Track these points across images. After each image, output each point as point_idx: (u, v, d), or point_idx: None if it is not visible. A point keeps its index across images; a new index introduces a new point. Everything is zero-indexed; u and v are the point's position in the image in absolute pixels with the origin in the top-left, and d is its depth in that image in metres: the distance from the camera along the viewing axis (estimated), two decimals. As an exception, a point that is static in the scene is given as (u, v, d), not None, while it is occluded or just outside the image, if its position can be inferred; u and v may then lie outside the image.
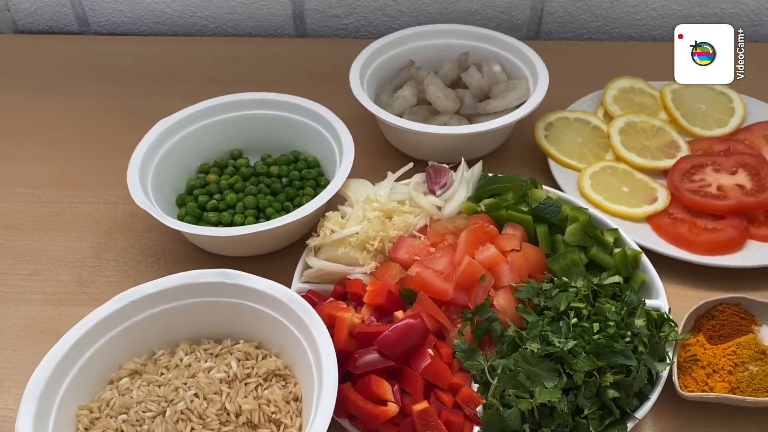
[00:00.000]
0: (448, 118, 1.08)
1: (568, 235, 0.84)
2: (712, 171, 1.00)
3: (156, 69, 1.34)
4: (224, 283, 0.79)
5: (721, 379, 0.76)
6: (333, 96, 1.10)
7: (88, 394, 0.75)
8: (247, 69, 1.35)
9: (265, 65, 1.36)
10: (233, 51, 1.40)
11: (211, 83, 1.29)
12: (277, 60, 1.37)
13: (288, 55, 1.39)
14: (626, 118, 1.10)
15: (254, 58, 1.38)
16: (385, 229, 0.85)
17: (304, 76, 1.33)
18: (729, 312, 0.82)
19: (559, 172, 1.03)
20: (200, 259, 0.98)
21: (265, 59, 1.37)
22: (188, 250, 0.99)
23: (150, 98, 1.27)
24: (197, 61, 1.36)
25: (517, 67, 1.14)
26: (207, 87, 1.27)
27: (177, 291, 0.79)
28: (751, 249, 0.92)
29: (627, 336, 0.73)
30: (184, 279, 0.79)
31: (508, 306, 0.77)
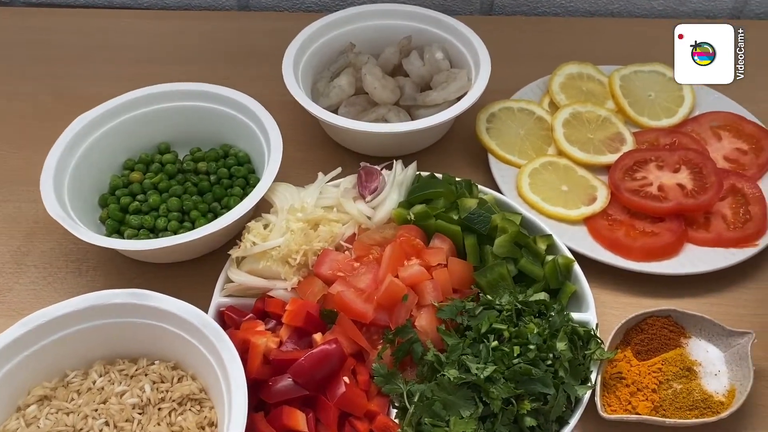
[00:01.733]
0: (386, 110, 1.03)
1: (496, 247, 0.81)
2: (655, 168, 0.97)
3: (89, 47, 1.26)
4: (134, 304, 0.75)
5: (645, 397, 0.75)
6: (272, 77, 1.04)
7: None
8: (185, 46, 1.28)
9: (205, 42, 1.29)
10: (171, 26, 1.32)
11: (148, 63, 1.23)
12: (217, 37, 1.30)
13: (228, 31, 1.32)
14: (571, 109, 1.06)
15: (194, 34, 1.31)
16: (309, 241, 0.81)
17: (244, 54, 1.26)
18: (658, 325, 0.80)
19: (498, 169, 1.00)
20: (123, 265, 0.94)
21: (204, 36, 1.30)
22: (111, 255, 0.95)
23: (81, 80, 1.20)
24: (133, 38, 1.28)
25: (460, 53, 1.08)
26: (143, 67, 1.21)
27: (86, 312, 0.75)
28: (688, 254, 0.90)
29: (548, 359, 0.72)
30: (93, 300, 0.75)
31: (429, 327, 0.74)
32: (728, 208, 0.93)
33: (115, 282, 0.93)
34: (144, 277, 0.93)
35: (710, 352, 0.80)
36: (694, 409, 0.74)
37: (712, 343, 0.81)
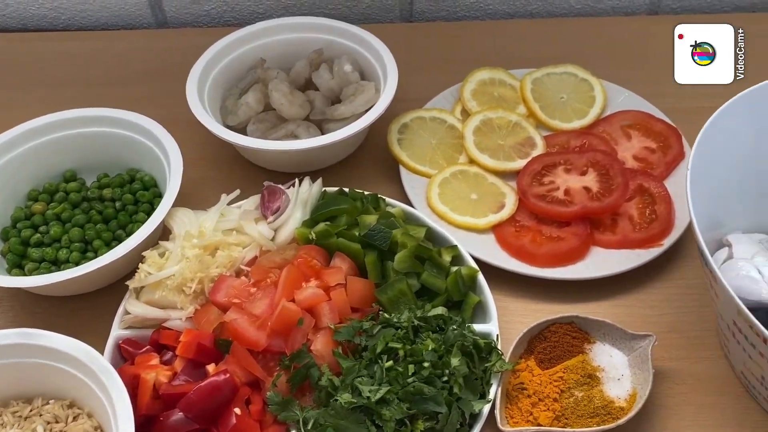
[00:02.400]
0: (295, 125, 1.02)
1: (396, 262, 0.81)
2: (563, 171, 0.97)
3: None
4: (24, 344, 0.73)
5: (546, 407, 0.75)
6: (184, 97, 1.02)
7: None
8: (102, 67, 1.25)
9: (122, 62, 1.27)
10: (87, 47, 1.29)
11: (63, 86, 1.20)
12: (133, 56, 1.28)
13: (145, 49, 1.29)
14: (482, 116, 1.05)
15: (110, 54, 1.28)
16: (206, 268, 0.80)
17: (161, 72, 1.24)
18: (561, 332, 0.80)
19: (409, 180, 0.99)
20: (27, 300, 0.92)
21: (121, 55, 1.28)
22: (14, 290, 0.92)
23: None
24: (47, 60, 1.25)
25: (370, 65, 1.07)
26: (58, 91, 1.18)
27: (-28, 356, 0.73)
28: (595, 257, 0.90)
29: (444, 376, 0.71)
30: (-22, 343, 0.73)
31: (325, 350, 0.74)
32: (635, 209, 0.94)
33: (20, 316, 0.90)
34: (49, 311, 0.91)
35: (614, 356, 0.80)
36: (595, 416, 0.74)
37: (615, 347, 0.81)
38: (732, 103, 0.77)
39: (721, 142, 0.77)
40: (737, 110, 0.78)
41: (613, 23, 1.32)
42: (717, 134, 0.76)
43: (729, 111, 0.77)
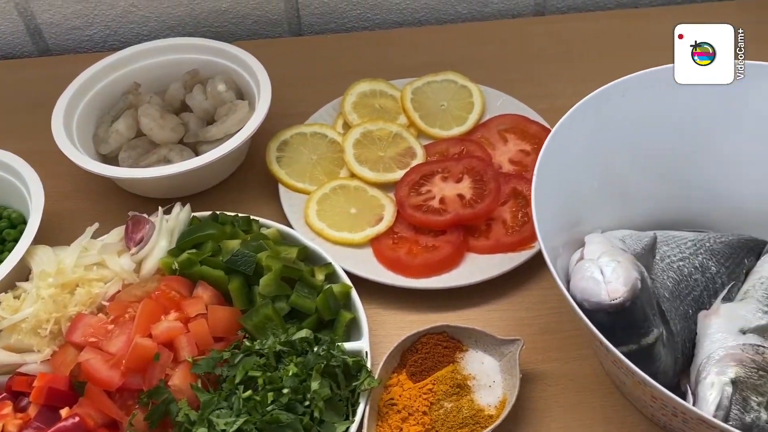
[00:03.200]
0: (168, 150, 1.00)
1: (262, 287, 0.79)
2: (440, 180, 0.98)
3: None
4: None
5: (416, 421, 0.75)
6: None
7: None
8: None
9: (4, 93, 1.23)
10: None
11: None
12: (15, 86, 1.24)
13: (27, 79, 1.26)
14: (362, 128, 1.05)
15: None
16: (62, 307, 0.77)
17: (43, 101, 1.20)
18: (432, 342, 0.80)
19: (288, 199, 0.98)
20: None
21: (2, 86, 1.24)
22: None
23: None
24: None
25: (246, 83, 1.06)
26: None
27: None
28: (470, 264, 0.90)
29: (307, 400, 0.70)
30: None
31: (184, 384, 0.72)
32: (508, 212, 0.95)
33: None
34: None
35: (486, 363, 0.80)
36: (464, 427, 0.74)
37: (487, 353, 0.81)
38: (575, 110, 0.78)
39: (570, 146, 0.79)
40: (585, 113, 0.79)
41: (499, 27, 1.33)
42: (565, 139, 0.77)
43: (577, 114, 0.79)
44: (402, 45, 1.28)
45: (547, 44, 1.28)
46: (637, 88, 0.81)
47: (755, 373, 0.68)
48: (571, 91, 1.02)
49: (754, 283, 0.80)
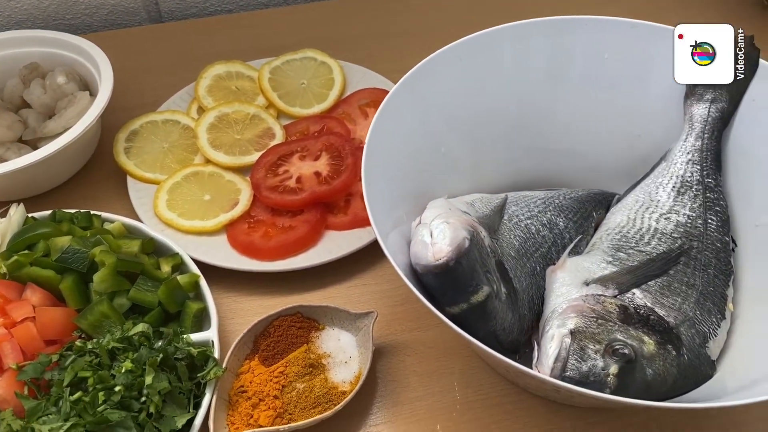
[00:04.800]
0: (4, 149, 0.93)
1: (96, 283, 0.75)
2: (297, 159, 0.95)
3: None
4: None
5: (267, 406, 0.72)
6: None
7: None
8: None
9: None
10: None
11: None
12: None
13: None
14: (217, 112, 1.01)
15: None
16: None
17: None
18: (286, 325, 0.78)
19: (136, 191, 0.93)
20: None
21: None
22: None
23: None
24: None
25: (90, 73, 1.00)
26: None
27: None
28: (328, 242, 0.88)
29: (143, 396, 0.66)
30: None
31: (8, 393, 0.67)
32: (367, 187, 0.93)
33: None
34: None
35: (342, 339, 0.78)
36: (317, 406, 0.72)
37: (344, 329, 0.79)
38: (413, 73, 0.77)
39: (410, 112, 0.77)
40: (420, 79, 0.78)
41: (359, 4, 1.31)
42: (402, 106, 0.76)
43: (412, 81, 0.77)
44: (263, 27, 1.25)
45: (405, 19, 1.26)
46: (472, 52, 0.81)
47: (594, 322, 0.68)
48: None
49: (601, 235, 0.81)
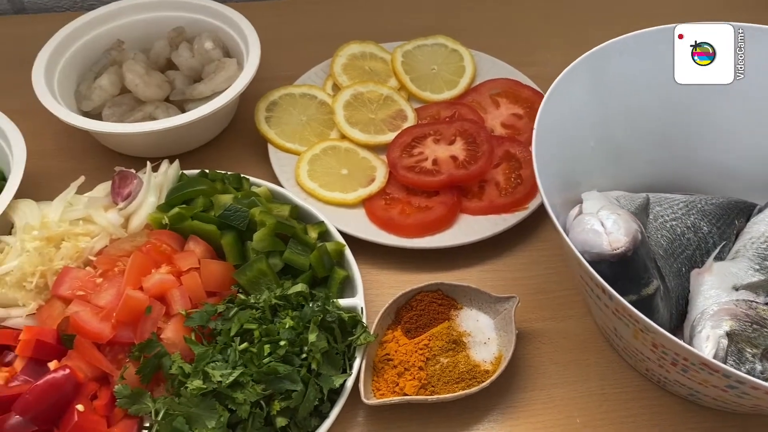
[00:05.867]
0: (153, 107, 0.97)
1: (255, 242, 0.78)
2: (432, 142, 0.97)
3: None
4: None
5: (412, 376, 0.74)
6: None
7: None
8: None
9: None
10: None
11: None
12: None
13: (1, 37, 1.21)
14: (353, 90, 1.03)
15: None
16: (48, 261, 0.75)
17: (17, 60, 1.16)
18: (427, 300, 0.80)
19: (277, 159, 0.96)
20: None
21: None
22: None
23: None
24: None
25: (234, 41, 1.04)
26: None
27: None
28: (462, 224, 0.90)
29: (303, 353, 0.69)
30: None
31: (177, 338, 0.70)
32: (501, 175, 0.94)
33: None
34: None
35: (480, 320, 0.80)
36: (461, 381, 0.74)
37: (482, 311, 0.81)
38: (573, 67, 0.78)
39: (568, 104, 0.78)
40: (580, 73, 0.78)
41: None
42: (563, 97, 0.77)
43: (571, 75, 0.78)
44: (389, 10, 1.27)
45: (534, 13, 1.27)
46: (634, 48, 0.81)
47: (749, 327, 0.69)
48: (559, 59, 1.02)
49: (745, 243, 0.81)
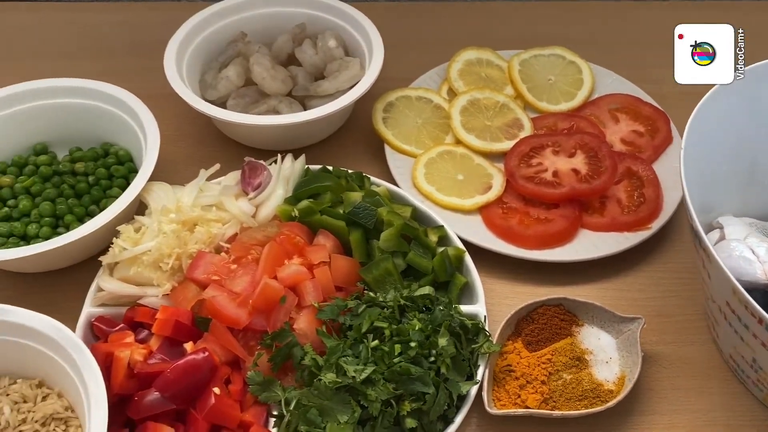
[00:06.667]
0: (277, 101, 0.99)
1: (382, 241, 0.78)
2: (551, 153, 0.96)
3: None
4: (-9, 320, 0.69)
5: (534, 390, 0.73)
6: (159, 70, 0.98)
7: None
8: (74, 40, 1.21)
9: (94, 35, 1.22)
10: (60, 18, 1.25)
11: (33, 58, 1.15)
12: (107, 29, 1.23)
13: (119, 23, 1.25)
14: (469, 96, 1.03)
15: (83, 26, 1.23)
16: (183, 243, 0.77)
17: (135, 46, 1.20)
18: (549, 314, 0.79)
19: (394, 160, 0.97)
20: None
21: (94, 28, 1.23)
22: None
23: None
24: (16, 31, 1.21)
25: (355, 40, 1.05)
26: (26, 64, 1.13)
27: (-65, 331, 0.69)
28: (583, 240, 0.88)
29: (431, 356, 0.69)
30: (-58, 317, 0.69)
31: (309, 329, 0.71)
32: (623, 192, 0.93)
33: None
34: (15, 288, 0.87)
35: (602, 339, 0.79)
36: (584, 399, 0.73)
37: (604, 330, 0.79)
38: (723, 87, 0.76)
39: (713, 124, 0.76)
40: (729, 93, 0.77)
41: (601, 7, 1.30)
42: (709, 116, 0.75)
43: (720, 93, 0.76)
44: (506, 18, 1.26)
45: (650, 29, 1.24)
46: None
47: None
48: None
49: None
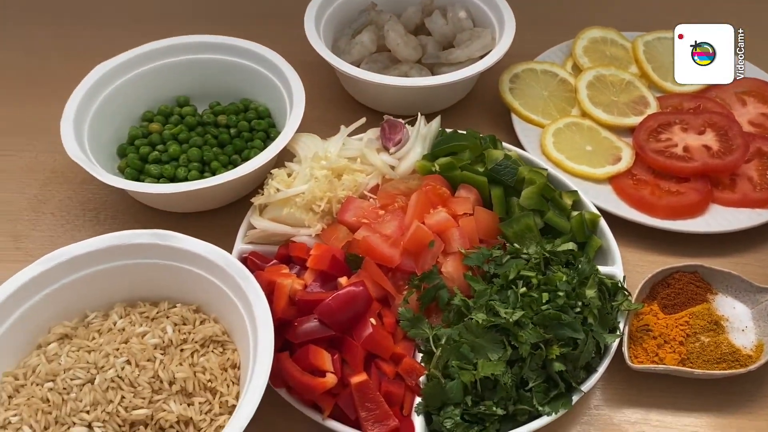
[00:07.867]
0: (408, 67, 1.02)
1: (523, 198, 0.81)
2: (679, 130, 0.96)
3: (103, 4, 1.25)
4: (157, 245, 0.74)
5: (672, 350, 0.74)
6: (290, 38, 1.03)
7: (13, 359, 0.72)
8: (204, 5, 1.26)
9: (219, 2, 1.28)
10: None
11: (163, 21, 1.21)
12: None
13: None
14: (595, 71, 1.05)
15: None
16: (333, 189, 0.80)
17: (265, 14, 1.25)
18: (685, 280, 0.80)
19: (521, 128, 0.99)
20: (141, 214, 0.93)
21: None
22: (129, 204, 0.94)
23: (95, 39, 1.18)
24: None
25: (483, 13, 1.07)
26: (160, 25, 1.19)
27: (107, 252, 0.74)
28: (714, 214, 0.89)
29: (577, 307, 0.71)
30: (114, 240, 0.74)
31: (456, 273, 0.74)
32: (754, 170, 0.93)
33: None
34: (162, 226, 0.90)
35: (737, 308, 0.79)
36: (722, 362, 0.73)
37: (738, 299, 0.80)
38: None
39: None
40: None
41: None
42: None
43: None
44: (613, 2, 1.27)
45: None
46: None
47: None
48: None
49: None
